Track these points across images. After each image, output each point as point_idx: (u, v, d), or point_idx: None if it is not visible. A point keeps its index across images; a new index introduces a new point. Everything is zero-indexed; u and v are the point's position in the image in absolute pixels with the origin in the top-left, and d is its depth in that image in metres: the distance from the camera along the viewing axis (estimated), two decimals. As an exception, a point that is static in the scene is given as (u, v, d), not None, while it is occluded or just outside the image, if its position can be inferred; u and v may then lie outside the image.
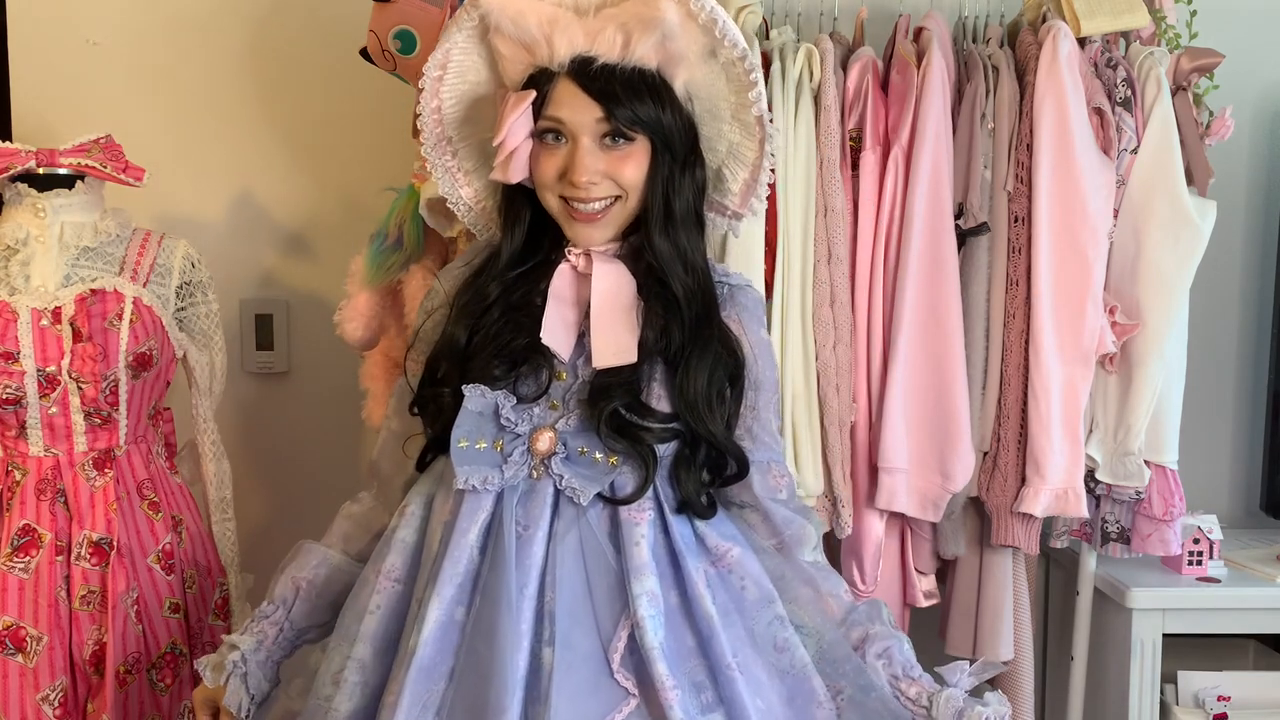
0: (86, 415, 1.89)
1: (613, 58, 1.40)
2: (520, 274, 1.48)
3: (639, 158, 1.43)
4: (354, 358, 2.14)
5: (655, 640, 1.37)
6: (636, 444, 1.41)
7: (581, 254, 1.47)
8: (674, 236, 1.45)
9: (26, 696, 1.85)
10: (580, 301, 1.46)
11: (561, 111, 1.41)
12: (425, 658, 1.37)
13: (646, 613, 1.38)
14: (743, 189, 1.52)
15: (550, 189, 1.44)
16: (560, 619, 1.37)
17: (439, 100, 1.51)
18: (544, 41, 1.40)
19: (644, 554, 1.40)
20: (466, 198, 1.57)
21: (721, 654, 1.39)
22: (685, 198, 1.46)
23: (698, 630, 1.41)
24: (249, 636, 1.54)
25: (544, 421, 1.43)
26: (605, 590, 1.40)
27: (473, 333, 1.45)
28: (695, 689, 1.39)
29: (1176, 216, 2.02)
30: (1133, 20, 2.02)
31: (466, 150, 1.55)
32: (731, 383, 1.47)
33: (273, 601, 1.56)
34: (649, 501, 1.44)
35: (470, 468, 1.40)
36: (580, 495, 1.40)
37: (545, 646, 1.36)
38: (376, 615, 1.45)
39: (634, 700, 1.37)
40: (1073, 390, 2.01)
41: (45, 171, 1.90)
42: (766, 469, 1.52)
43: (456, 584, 1.39)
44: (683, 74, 1.44)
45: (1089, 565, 2.20)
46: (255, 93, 2.51)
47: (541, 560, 1.40)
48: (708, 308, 1.47)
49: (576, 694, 1.35)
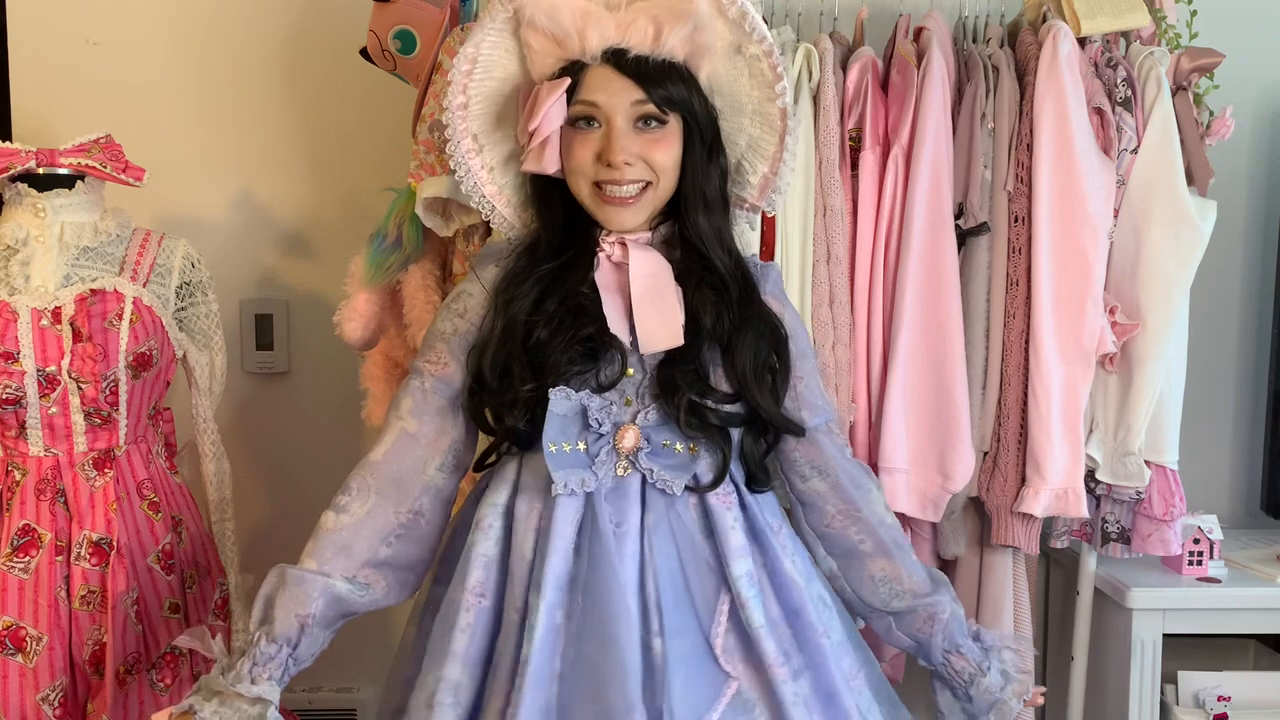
0: (86, 415, 1.89)
1: (644, 49, 1.42)
2: (560, 265, 1.49)
3: (671, 141, 1.45)
4: (354, 358, 2.14)
5: (761, 619, 1.43)
6: (713, 430, 1.44)
7: (616, 243, 1.48)
8: (712, 219, 1.48)
9: (26, 696, 1.85)
10: (623, 291, 1.47)
11: (596, 95, 1.43)
12: (539, 665, 1.37)
13: (749, 593, 1.43)
14: (761, 182, 1.54)
15: (584, 174, 1.45)
16: (667, 609, 1.40)
17: (466, 96, 1.51)
18: (576, 35, 1.43)
19: (740, 537, 1.46)
20: (489, 195, 1.55)
21: (813, 623, 1.46)
22: (714, 183, 1.48)
23: (785, 601, 1.46)
24: (270, 686, 1.40)
25: (624, 419, 1.45)
26: (699, 577, 1.44)
27: (531, 327, 1.45)
28: (784, 656, 1.44)
29: (1176, 216, 2.02)
30: (1133, 20, 2.03)
31: (491, 147, 1.54)
32: (777, 356, 1.50)
33: (274, 639, 1.41)
34: (729, 484, 1.48)
35: (566, 472, 1.41)
36: (672, 486, 1.43)
37: (655, 638, 1.39)
38: (468, 633, 1.44)
39: (735, 682, 1.42)
40: (1073, 390, 2.01)
41: (45, 171, 1.90)
42: (829, 431, 1.57)
43: (558, 588, 1.40)
44: (706, 67, 1.46)
45: (1089, 565, 2.21)
46: (255, 93, 2.51)
47: (638, 554, 1.42)
48: (748, 287, 1.50)
49: (689, 682, 1.39)
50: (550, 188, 1.50)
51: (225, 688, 1.38)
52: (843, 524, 1.56)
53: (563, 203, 1.50)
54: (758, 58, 1.45)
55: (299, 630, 1.42)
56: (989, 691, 1.56)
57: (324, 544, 1.46)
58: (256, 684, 1.38)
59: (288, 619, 1.42)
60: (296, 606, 1.42)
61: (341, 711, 2.56)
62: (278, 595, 1.43)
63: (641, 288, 1.45)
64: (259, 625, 1.43)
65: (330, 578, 1.44)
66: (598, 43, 1.42)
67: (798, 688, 1.43)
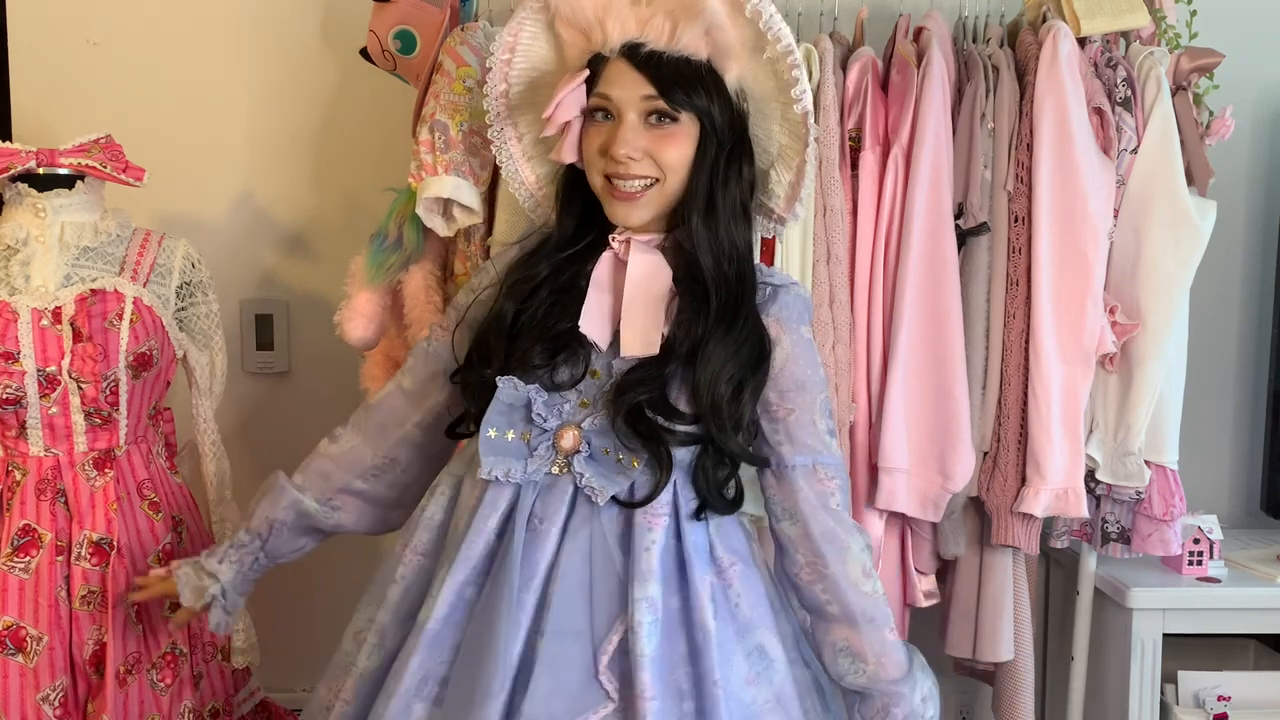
0: (87, 415, 1.89)
1: (661, 44, 1.43)
2: (569, 256, 1.51)
3: (681, 140, 1.44)
4: (354, 358, 2.14)
5: (647, 648, 1.37)
6: (655, 444, 1.41)
7: (624, 241, 1.49)
8: (714, 224, 1.45)
9: (26, 696, 1.84)
10: (618, 290, 1.47)
11: (610, 88, 1.44)
12: (434, 630, 1.42)
13: (643, 619, 1.38)
14: (788, 193, 1.54)
15: (595, 165, 1.47)
16: (555, 611, 1.39)
17: (507, 84, 1.56)
18: (598, 26, 1.45)
19: (653, 560, 1.40)
20: (529, 184, 1.62)
21: (710, 669, 1.39)
22: (732, 191, 1.46)
23: (692, 640, 1.41)
24: (227, 566, 1.66)
25: (572, 419, 1.45)
26: (605, 592, 1.41)
27: (519, 312, 1.48)
28: (678, 696, 1.39)
29: (1176, 216, 2.02)
30: (1133, 20, 2.03)
31: (530, 135, 1.59)
32: (749, 376, 1.44)
33: (250, 531, 1.66)
34: (666, 506, 1.44)
35: (495, 459, 1.44)
36: (598, 495, 1.42)
37: (539, 637, 1.39)
38: (400, 585, 1.52)
39: (611, 705, 1.37)
40: (1073, 390, 2.01)
41: (45, 171, 1.90)
42: (813, 475, 1.48)
43: (470, 566, 1.44)
44: (734, 68, 1.46)
45: (1089, 565, 2.20)
46: (255, 93, 2.51)
47: (551, 554, 1.42)
48: (737, 299, 1.45)
49: (557, 686, 1.36)
50: (576, 179, 1.53)
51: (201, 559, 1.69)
52: (809, 578, 1.48)
53: (583, 195, 1.52)
54: (775, 59, 1.44)
55: (269, 529, 1.66)
56: None
57: (311, 465, 1.68)
58: (222, 564, 1.66)
59: (261, 518, 1.66)
60: (269, 510, 1.66)
61: (341, 711, 2.56)
62: (263, 496, 1.67)
63: (633, 290, 1.45)
64: (245, 519, 1.69)
65: (303, 493, 1.65)
66: (617, 36, 1.44)
67: None
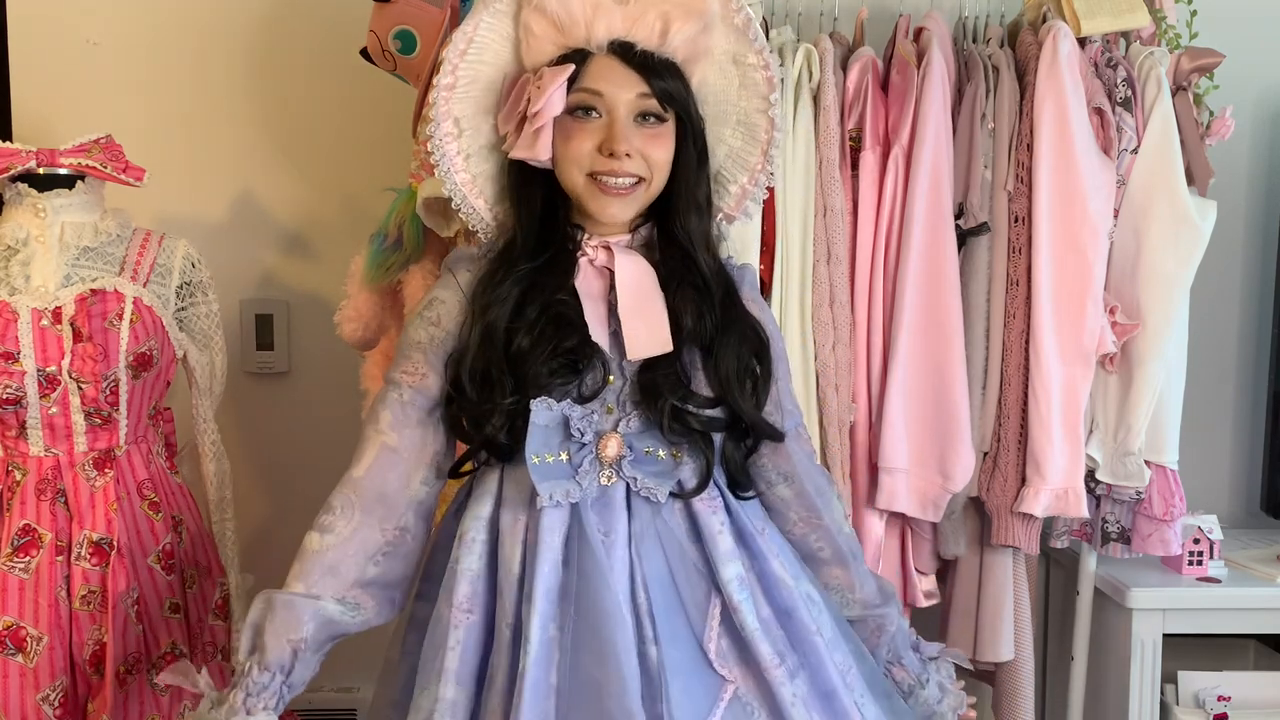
0: (87, 415, 1.89)
1: (650, 44, 1.42)
2: (537, 268, 1.44)
3: (667, 139, 1.44)
4: (354, 358, 2.14)
5: (754, 621, 1.41)
6: (696, 435, 1.43)
7: (599, 247, 1.46)
8: (703, 221, 1.47)
9: (26, 696, 1.84)
10: (605, 297, 1.45)
11: (600, 84, 1.41)
12: (537, 678, 1.34)
13: (740, 596, 1.42)
14: (739, 193, 1.54)
15: (579, 164, 1.42)
16: (659, 616, 1.39)
17: (454, 78, 1.47)
18: (583, 23, 1.42)
19: (728, 541, 1.44)
20: (462, 183, 1.50)
21: (805, 622, 1.45)
22: (704, 188, 1.48)
23: (775, 601, 1.45)
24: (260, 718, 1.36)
25: (605, 427, 1.43)
26: (688, 583, 1.43)
27: (512, 335, 1.41)
28: (779, 657, 1.42)
29: (1177, 216, 2.02)
30: (1133, 20, 2.03)
31: (472, 133, 1.50)
32: (759, 361, 1.49)
33: (268, 669, 1.37)
34: (714, 489, 1.47)
35: (551, 483, 1.39)
36: (656, 494, 1.42)
37: (650, 646, 1.38)
38: (458, 651, 1.40)
39: (732, 685, 1.41)
40: (1073, 390, 2.01)
41: (45, 171, 1.90)
42: (797, 435, 1.56)
43: (549, 600, 1.38)
44: (699, 73, 1.46)
45: (1089, 565, 2.20)
46: (255, 92, 2.51)
47: (627, 562, 1.41)
48: (729, 290, 1.49)
49: (687, 688, 1.38)
50: (531, 181, 1.47)
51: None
52: (803, 530, 1.55)
53: (542, 198, 1.47)
54: (755, 67, 1.46)
55: (292, 656, 1.38)
56: (926, 704, 1.58)
57: (310, 565, 1.42)
58: (252, 714, 1.35)
59: (279, 645, 1.38)
60: (288, 631, 1.38)
61: (341, 711, 2.56)
62: (266, 622, 1.39)
63: (629, 295, 1.44)
64: (249, 655, 1.39)
65: (320, 599, 1.41)
66: (604, 33, 1.41)
67: (795, 688, 1.42)
